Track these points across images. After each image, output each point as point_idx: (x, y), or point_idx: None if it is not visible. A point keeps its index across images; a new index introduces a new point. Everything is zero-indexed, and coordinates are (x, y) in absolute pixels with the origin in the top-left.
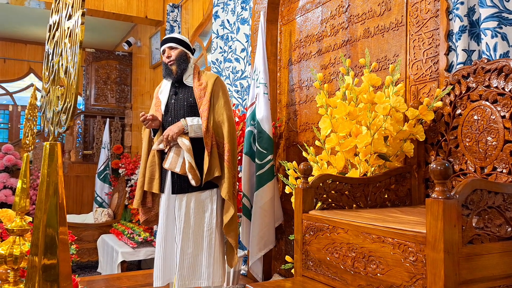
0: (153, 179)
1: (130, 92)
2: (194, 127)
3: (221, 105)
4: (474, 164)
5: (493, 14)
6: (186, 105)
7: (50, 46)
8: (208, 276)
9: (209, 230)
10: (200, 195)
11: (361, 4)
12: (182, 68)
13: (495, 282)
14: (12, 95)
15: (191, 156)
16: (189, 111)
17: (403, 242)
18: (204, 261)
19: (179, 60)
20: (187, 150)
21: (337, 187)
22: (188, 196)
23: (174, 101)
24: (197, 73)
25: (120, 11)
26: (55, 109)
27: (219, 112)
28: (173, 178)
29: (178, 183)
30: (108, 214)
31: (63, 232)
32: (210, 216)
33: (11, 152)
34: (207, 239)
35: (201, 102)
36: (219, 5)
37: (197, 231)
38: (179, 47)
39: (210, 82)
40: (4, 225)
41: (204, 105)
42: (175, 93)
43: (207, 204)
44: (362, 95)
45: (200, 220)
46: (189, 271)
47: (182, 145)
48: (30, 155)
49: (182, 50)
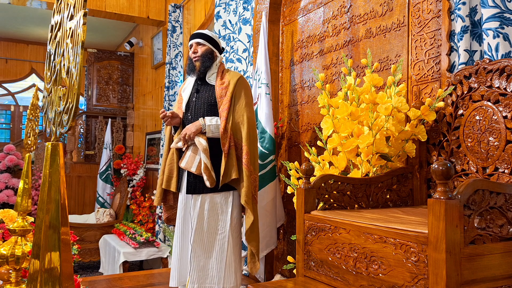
0: (171, 178)
1: (132, 92)
2: (212, 127)
3: (242, 106)
4: (476, 165)
5: (495, 15)
6: (206, 103)
7: (52, 46)
8: (218, 280)
9: (222, 233)
10: (216, 197)
11: (363, 5)
12: (206, 65)
13: (497, 282)
14: (14, 95)
15: (207, 156)
16: (209, 110)
17: (405, 242)
18: (215, 265)
19: (204, 57)
20: (203, 150)
21: (339, 188)
22: (202, 197)
23: (195, 99)
24: (221, 71)
25: (122, 11)
26: (57, 110)
27: (239, 113)
28: (189, 177)
29: (194, 183)
30: (110, 214)
31: (65, 232)
32: (224, 220)
33: (13, 152)
34: (219, 242)
35: (221, 101)
36: (221, 5)
37: (210, 233)
38: (206, 44)
39: (232, 82)
40: (6, 225)
41: (224, 105)
42: (197, 91)
43: (223, 207)
44: (364, 96)
45: (213, 223)
46: (201, 273)
47: (199, 145)
48: (32, 155)
49: (209, 48)
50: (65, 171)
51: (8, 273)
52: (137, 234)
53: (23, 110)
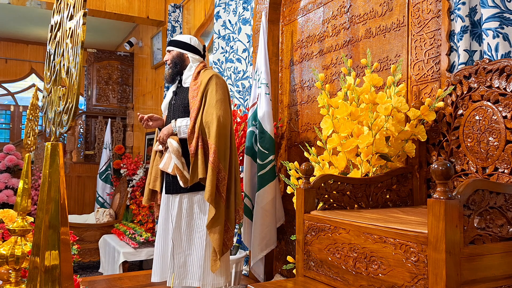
0: (156, 178)
1: (132, 92)
2: (182, 128)
3: (211, 104)
4: (475, 165)
5: (494, 15)
6: (181, 106)
7: (52, 46)
8: (199, 277)
9: (200, 231)
10: (194, 196)
11: (363, 5)
12: (176, 70)
13: (497, 282)
14: (13, 95)
15: (177, 157)
16: (183, 112)
17: (405, 242)
18: (196, 261)
19: (173, 62)
20: (173, 151)
21: (339, 188)
22: (181, 196)
23: (174, 102)
24: (197, 72)
25: (121, 11)
26: (57, 110)
27: (208, 112)
28: (168, 178)
29: (172, 183)
30: (110, 214)
31: (65, 232)
32: (202, 218)
33: (12, 152)
34: (199, 240)
35: (193, 102)
36: (221, 5)
37: (188, 231)
38: (174, 49)
39: (204, 81)
40: (6, 225)
41: (194, 105)
42: (175, 93)
43: (201, 206)
44: (363, 96)
45: (191, 221)
46: (182, 269)
47: (170, 146)
48: (31, 155)
49: (178, 52)
50: (65, 171)
51: (7, 273)
52: (137, 234)
53: (22, 110)
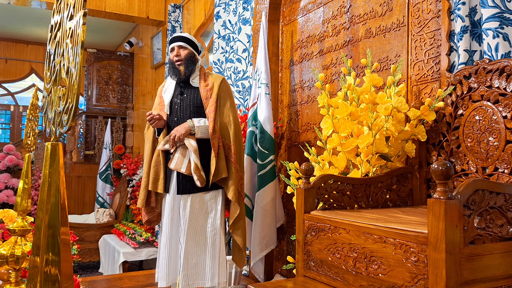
0: (157, 179)
1: (132, 92)
2: (201, 128)
3: (227, 107)
4: (475, 165)
5: (494, 15)
6: (192, 105)
7: (52, 46)
8: (212, 277)
9: (213, 230)
10: (205, 196)
11: (363, 5)
12: (190, 69)
13: (497, 282)
14: (13, 95)
15: (197, 157)
16: (195, 112)
17: (405, 242)
18: (208, 262)
19: (188, 61)
20: (193, 151)
21: (339, 188)
22: (193, 197)
23: (179, 101)
24: (204, 74)
25: (121, 11)
26: (57, 110)
27: (225, 114)
28: (178, 178)
29: (183, 184)
30: (110, 214)
31: (65, 232)
32: (214, 217)
33: (12, 152)
34: (211, 239)
35: (207, 103)
36: (221, 5)
37: (201, 231)
38: (188, 47)
39: (216, 84)
40: (6, 225)
41: (210, 106)
42: (180, 93)
43: (212, 205)
44: (363, 96)
45: (204, 221)
46: (193, 271)
47: (189, 146)
48: (31, 155)
49: (191, 51)
50: (65, 171)
51: (7, 273)
52: (137, 234)
53: (22, 110)
